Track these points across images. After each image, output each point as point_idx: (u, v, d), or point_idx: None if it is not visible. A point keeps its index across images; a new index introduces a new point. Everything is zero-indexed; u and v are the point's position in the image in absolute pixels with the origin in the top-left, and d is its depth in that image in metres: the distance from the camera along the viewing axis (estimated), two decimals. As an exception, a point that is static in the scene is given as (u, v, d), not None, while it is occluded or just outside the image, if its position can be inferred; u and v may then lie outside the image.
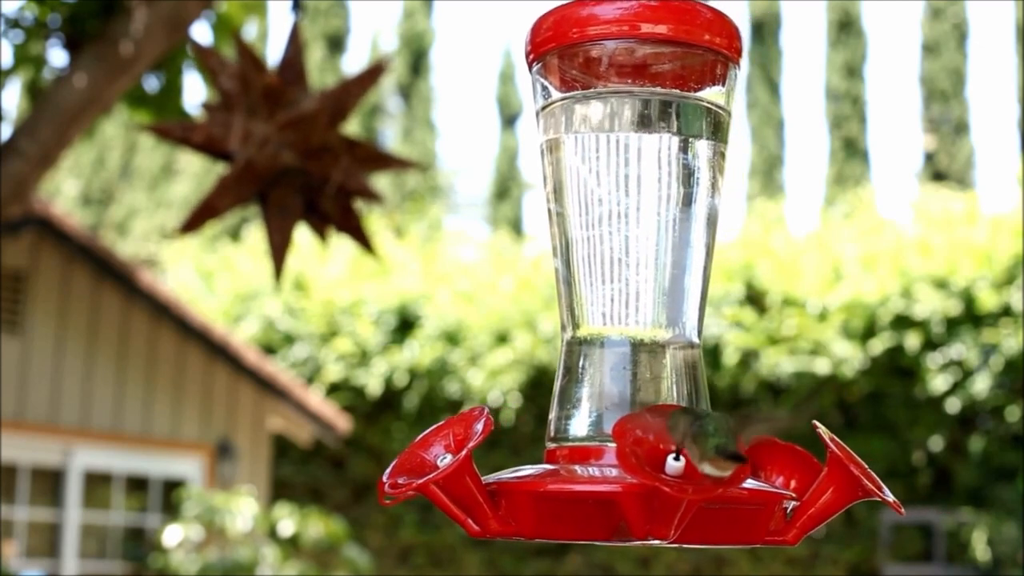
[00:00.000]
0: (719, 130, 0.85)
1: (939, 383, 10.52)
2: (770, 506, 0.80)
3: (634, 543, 0.76)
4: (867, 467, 0.81)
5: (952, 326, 10.57)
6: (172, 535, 8.39)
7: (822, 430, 0.81)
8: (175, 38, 2.81)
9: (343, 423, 9.81)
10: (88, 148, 18.45)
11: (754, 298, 11.18)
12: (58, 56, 3.11)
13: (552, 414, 0.85)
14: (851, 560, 11.11)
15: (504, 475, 0.81)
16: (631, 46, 0.82)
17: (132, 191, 19.20)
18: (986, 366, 10.38)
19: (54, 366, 8.27)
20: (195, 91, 11.60)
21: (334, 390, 11.58)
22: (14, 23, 3.06)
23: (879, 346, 10.66)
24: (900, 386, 10.80)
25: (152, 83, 3.14)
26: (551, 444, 0.84)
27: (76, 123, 2.82)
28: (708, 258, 0.85)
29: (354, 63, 22.21)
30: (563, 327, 0.86)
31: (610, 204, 0.83)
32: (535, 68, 0.86)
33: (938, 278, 10.69)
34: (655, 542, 0.75)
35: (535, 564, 11.63)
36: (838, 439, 0.80)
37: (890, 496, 0.80)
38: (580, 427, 0.83)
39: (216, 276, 12.69)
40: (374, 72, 2.02)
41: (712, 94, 0.84)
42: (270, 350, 11.68)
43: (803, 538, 0.82)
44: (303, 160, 1.92)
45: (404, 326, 11.85)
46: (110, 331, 8.63)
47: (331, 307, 11.93)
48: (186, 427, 9.00)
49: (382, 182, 16.15)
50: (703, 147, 0.84)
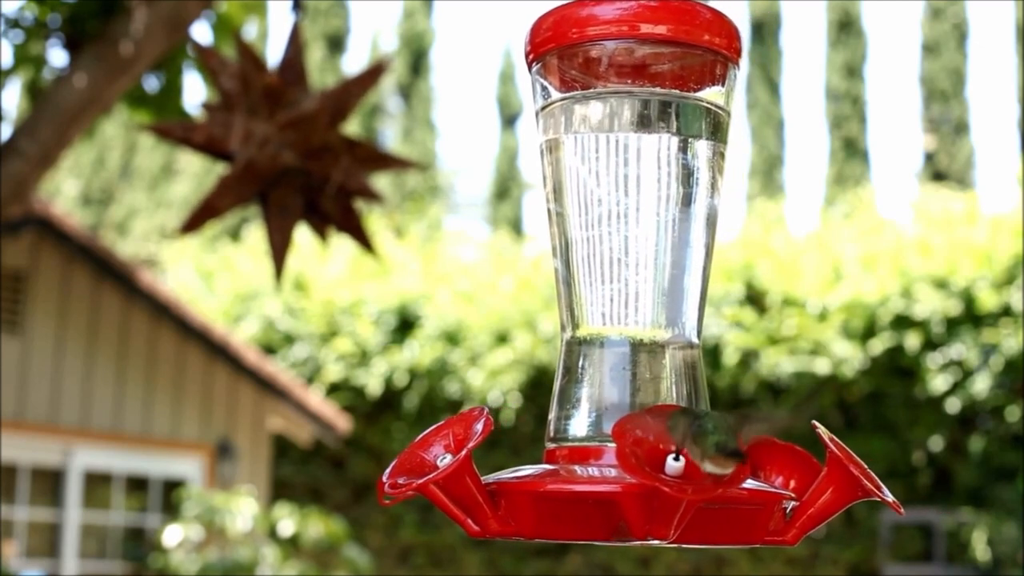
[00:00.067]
0: (719, 130, 0.85)
1: (939, 383, 10.51)
2: (770, 506, 0.80)
3: (634, 543, 0.76)
4: (866, 467, 0.81)
5: (952, 326, 10.57)
6: (172, 535, 8.39)
7: (821, 430, 0.81)
8: (175, 38, 2.81)
9: (343, 423, 9.80)
10: (88, 148, 18.45)
11: (754, 298, 11.18)
12: (58, 56, 3.11)
13: (552, 414, 0.85)
14: (851, 560, 11.11)
15: (504, 475, 0.81)
16: (631, 46, 0.82)
17: (132, 191, 19.20)
18: (986, 366, 10.37)
19: (54, 366, 8.27)
20: (195, 91, 11.60)
21: (334, 390, 11.58)
22: (14, 23, 3.06)
23: (879, 346, 10.65)
24: (900, 386, 10.80)
25: (152, 83, 3.14)
26: (551, 444, 0.84)
27: (76, 123, 2.82)
28: (708, 258, 0.85)
29: (354, 63, 22.22)
30: (563, 327, 0.86)
31: (610, 204, 0.83)
32: (535, 68, 0.86)
33: (938, 278, 10.69)
34: (655, 542, 0.75)
35: (535, 564, 11.63)
36: (837, 439, 0.81)
37: (889, 496, 0.80)
38: (580, 427, 0.83)
39: (216, 276, 12.69)
40: (374, 72, 2.02)
41: (712, 94, 0.84)
42: (270, 350, 11.68)
43: (803, 538, 0.82)
44: (304, 160, 1.92)
45: (404, 326, 11.85)
46: (110, 331, 8.63)
47: (331, 307, 11.93)
48: (186, 427, 9.00)
49: (382, 182, 16.14)
50: (703, 147, 0.84)
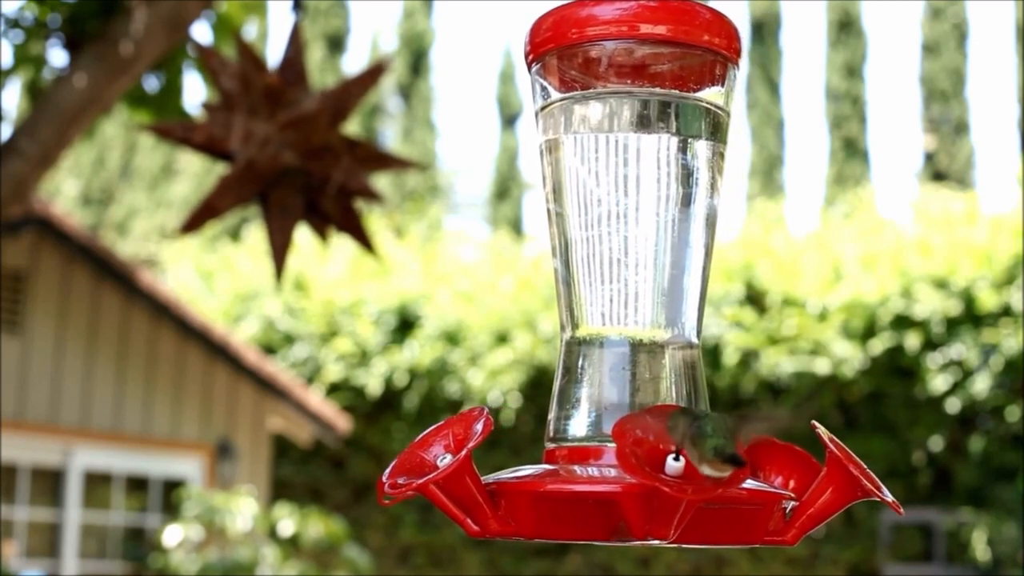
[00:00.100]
0: (718, 130, 0.85)
1: (939, 383, 10.51)
2: (769, 506, 0.80)
3: (634, 543, 0.76)
4: (866, 467, 0.81)
5: (952, 326, 10.56)
6: (172, 535, 8.39)
7: (821, 430, 0.81)
8: (175, 38, 2.81)
9: (343, 423, 9.80)
10: (88, 148, 18.45)
11: (754, 298, 11.17)
12: (58, 56, 3.11)
13: (551, 414, 0.85)
14: (851, 560, 11.10)
15: (504, 475, 0.81)
16: (630, 47, 0.82)
17: (132, 191, 19.20)
18: (986, 366, 10.37)
19: (54, 366, 8.27)
20: (195, 91, 11.60)
21: (334, 390, 11.58)
22: (14, 23, 3.06)
23: (879, 346, 10.65)
24: (900, 386, 10.79)
25: (152, 83, 3.14)
26: (550, 444, 0.84)
27: (76, 123, 2.82)
28: (707, 258, 0.85)
29: (354, 63, 22.22)
30: (562, 327, 0.86)
31: (609, 204, 0.83)
32: (534, 68, 0.86)
33: (938, 278, 10.69)
34: (655, 542, 0.75)
35: (535, 564, 11.63)
36: (837, 439, 0.81)
37: (889, 496, 0.80)
38: (579, 427, 0.83)
39: (216, 276, 12.69)
40: (374, 72, 2.02)
41: (711, 94, 0.84)
42: (270, 350, 11.68)
43: (802, 538, 0.82)
44: (304, 160, 1.92)
45: (404, 326, 11.84)
46: (110, 331, 8.63)
47: (331, 307, 11.93)
48: (186, 427, 9.00)
49: (382, 182, 16.14)
50: (702, 147, 0.84)
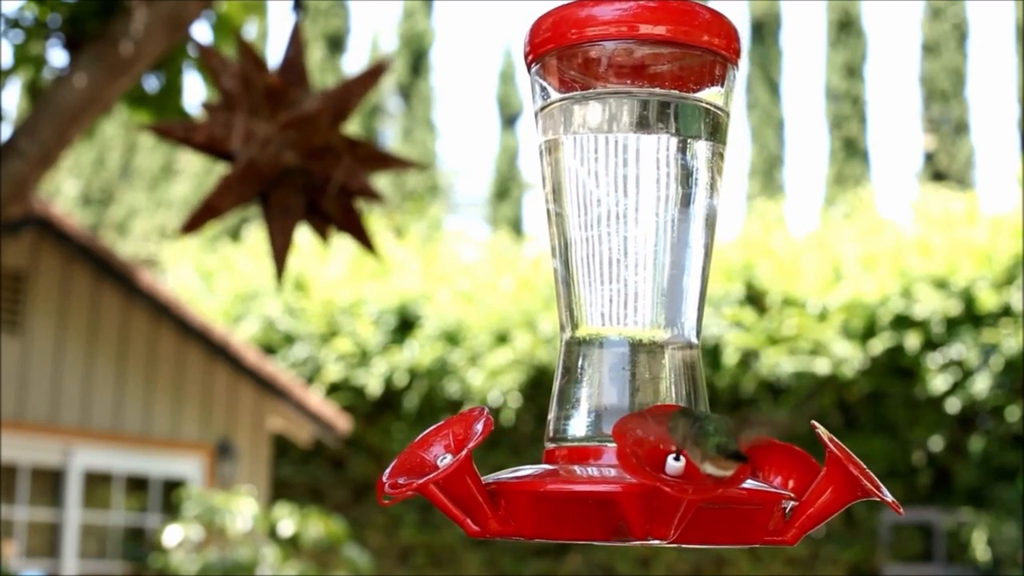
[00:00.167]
0: (718, 131, 0.85)
1: (939, 383, 10.51)
2: (769, 506, 0.80)
3: (634, 543, 0.76)
4: (866, 467, 0.81)
5: (952, 326, 10.56)
6: (172, 535, 8.39)
7: (821, 430, 0.81)
8: (175, 38, 2.81)
9: (343, 423, 9.80)
10: (88, 148, 18.45)
11: (754, 298, 11.17)
12: (58, 56, 3.11)
13: (551, 414, 0.85)
14: (851, 560, 11.10)
15: (504, 475, 0.81)
16: (630, 47, 0.82)
17: (132, 191, 19.20)
18: (986, 366, 10.37)
19: (54, 366, 8.27)
20: (195, 91, 11.59)
21: (334, 390, 11.58)
22: (14, 23, 3.06)
23: (879, 346, 10.65)
24: (900, 386, 10.79)
25: (152, 83, 3.14)
26: (550, 444, 0.84)
27: (76, 123, 2.82)
28: (707, 258, 0.85)
29: (354, 63, 22.23)
30: (562, 327, 0.86)
31: (609, 205, 0.83)
32: (534, 69, 0.86)
33: (938, 278, 10.69)
34: (655, 542, 0.75)
35: (535, 564, 11.63)
36: (837, 439, 0.81)
37: (889, 496, 0.81)
38: (579, 427, 0.83)
39: (216, 276, 12.69)
40: (375, 72, 2.02)
41: (711, 95, 0.84)
42: (270, 350, 11.68)
43: (802, 538, 0.82)
44: (305, 160, 1.92)
45: (404, 326, 11.85)
46: (110, 331, 8.63)
47: (331, 307, 11.93)
48: (186, 427, 9.00)
49: (382, 182, 16.14)
50: (702, 148, 0.84)
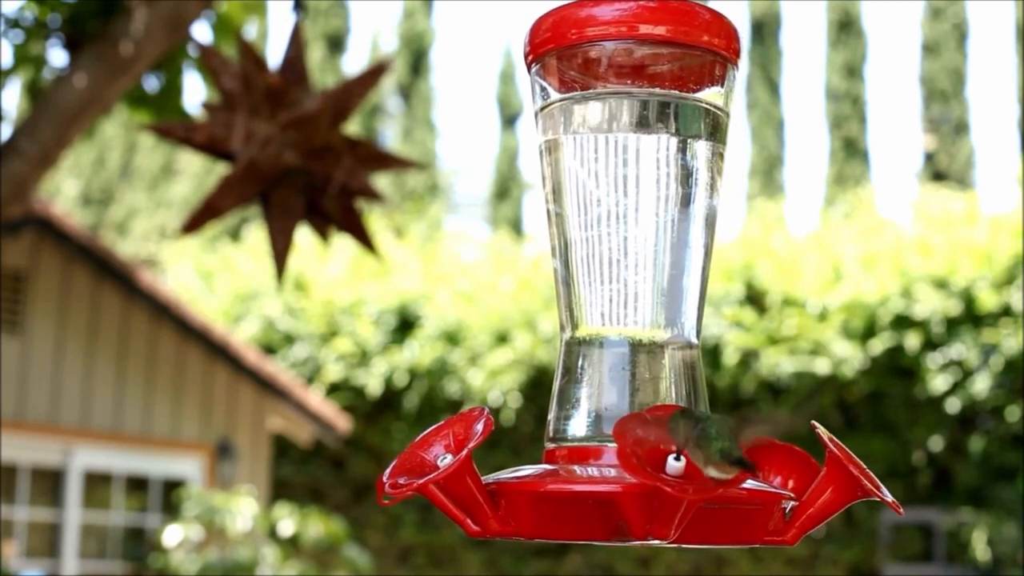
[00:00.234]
0: (717, 131, 0.85)
1: (939, 383, 10.51)
2: (769, 506, 0.80)
3: (634, 543, 0.76)
4: (865, 467, 0.81)
5: (952, 326, 10.56)
6: (172, 535, 8.39)
7: (821, 430, 0.81)
8: (175, 38, 2.81)
9: (343, 423, 9.80)
10: (88, 148, 18.45)
11: (754, 298, 11.17)
12: (58, 56, 3.11)
13: (551, 414, 0.85)
14: (851, 560, 11.10)
15: (504, 475, 0.81)
16: (630, 47, 0.82)
17: (132, 191, 19.20)
18: (986, 366, 10.37)
19: (54, 366, 8.27)
20: (195, 91, 11.59)
21: (334, 390, 11.58)
22: (14, 23, 3.06)
23: (879, 346, 10.65)
24: (900, 386, 10.79)
25: (152, 83, 3.13)
26: (550, 444, 0.84)
27: (76, 123, 2.82)
28: (707, 258, 0.85)
29: (354, 63, 22.22)
30: (562, 327, 0.86)
31: (609, 205, 0.83)
32: (534, 69, 0.86)
33: (938, 278, 10.68)
34: (655, 542, 0.75)
35: (535, 564, 11.63)
36: (837, 439, 0.81)
37: (889, 496, 0.81)
38: (579, 427, 0.83)
39: (216, 276, 12.69)
40: (375, 72, 2.02)
41: (711, 95, 0.84)
42: (270, 350, 11.68)
43: (802, 538, 0.82)
44: (305, 160, 1.92)
45: (404, 326, 11.84)
46: (110, 331, 8.63)
47: (331, 307, 11.92)
48: (186, 427, 9.00)
49: (382, 182, 16.14)
50: (701, 148, 0.84)
